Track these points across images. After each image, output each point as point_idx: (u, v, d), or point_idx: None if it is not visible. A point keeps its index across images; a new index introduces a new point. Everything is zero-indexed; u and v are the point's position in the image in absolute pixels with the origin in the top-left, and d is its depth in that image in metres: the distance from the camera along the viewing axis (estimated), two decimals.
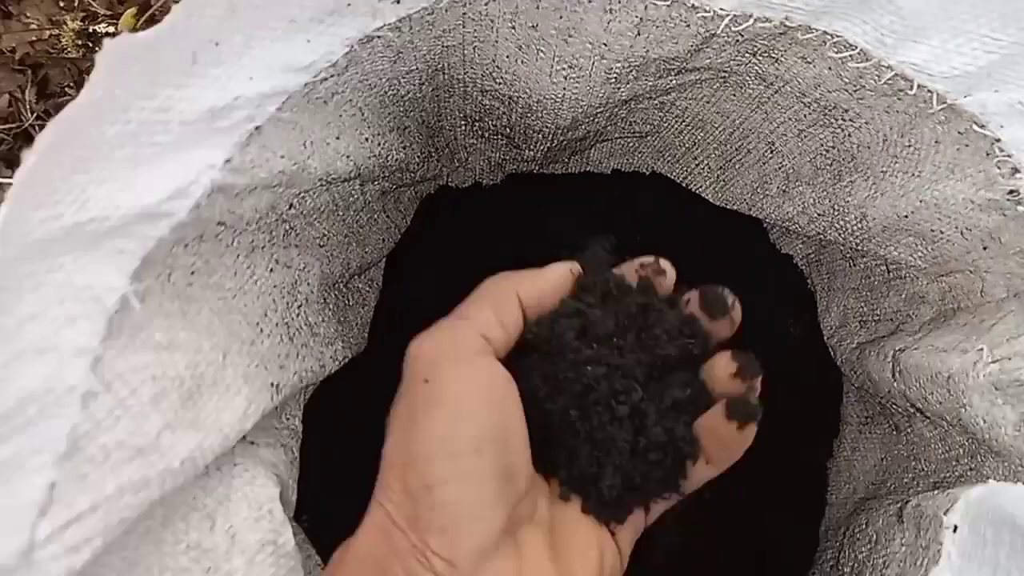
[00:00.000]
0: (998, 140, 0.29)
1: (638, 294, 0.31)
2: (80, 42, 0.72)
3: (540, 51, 0.36)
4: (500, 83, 0.40)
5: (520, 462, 0.29)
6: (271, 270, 0.33)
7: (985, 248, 0.32)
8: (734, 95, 0.37)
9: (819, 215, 0.38)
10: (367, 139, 0.37)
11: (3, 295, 0.22)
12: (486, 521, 0.27)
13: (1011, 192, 0.29)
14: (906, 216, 0.34)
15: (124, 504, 0.22)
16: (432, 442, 0.27)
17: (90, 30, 0.72)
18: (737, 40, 0.33)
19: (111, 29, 0.72)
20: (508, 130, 0.44)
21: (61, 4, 0.73)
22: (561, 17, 0.33)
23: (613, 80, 0.37)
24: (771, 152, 0.39)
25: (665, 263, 0.32)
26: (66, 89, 0.71)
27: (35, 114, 0.69)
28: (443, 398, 0.27)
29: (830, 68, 0.32)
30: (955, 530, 0.24)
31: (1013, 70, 0.29)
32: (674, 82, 0.37)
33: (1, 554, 0.19)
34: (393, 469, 0.27)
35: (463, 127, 0.45)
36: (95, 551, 0.21)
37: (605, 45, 0.35)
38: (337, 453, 0.42)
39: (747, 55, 0.33)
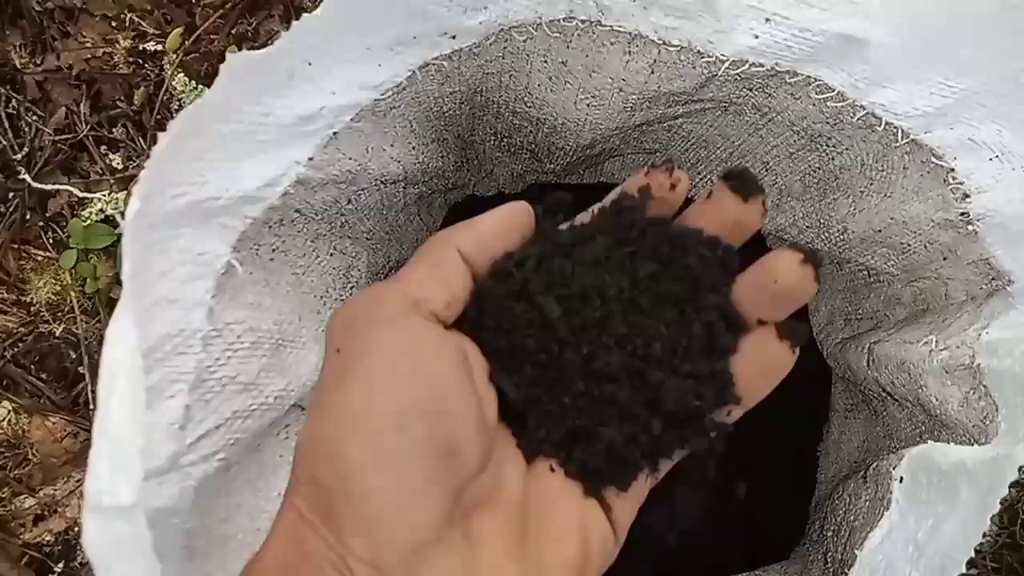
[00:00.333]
0: (952, 170, 0.35)
1: (627, 207, 0.29)
2: (131, 59, 0.79)
3: (568, 83, 0.43)
4: (530, 107, 0.46)
5: (466, 434, 0.24)
6: (331, 254, 0.39)
7: (945, 259, 0.38)
8: (733, 121, 0.43)
9: (807, 227, 0.45)
10: (414, 147, 0.43)
11: (144, 255, 0.28)
12: (417, 513, 0.23)
13: (962, 214, 0.35)
14: (879, 231, 0.40)
15: (237, 427, 0.27)
16: (343, 420, 0.23)
17: (140, 48, 0.79)
18: (736, 79, 0.39)
19: (159, 47, 0.79)
20: (533, 146, 0.50)
21: (114, 24, 0.80)
22: (587, 56, 0.40)
23: (629, 109, 0.44)
24: (766, 171, 0.45)
25: (680, 173, 0.29)
26: (117, 102, 0.77)
27: (89, 126, 0.76)
28: (356, 367, 0.23)
29: (814, 104, 0.38)
30: (901, 480, 0.30)
31: (964, 112, 0.35)
32: (681, 110, 0.43)
33: (157, 459, 0.25)
34: (303, 457, 0.23)
35: (492, 142, 0.51)
36: (219, 464, 0.27)
37: (624, 80, 0.41)
38: None
39: (744, 90, 0.40)
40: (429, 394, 0.24)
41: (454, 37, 0.36)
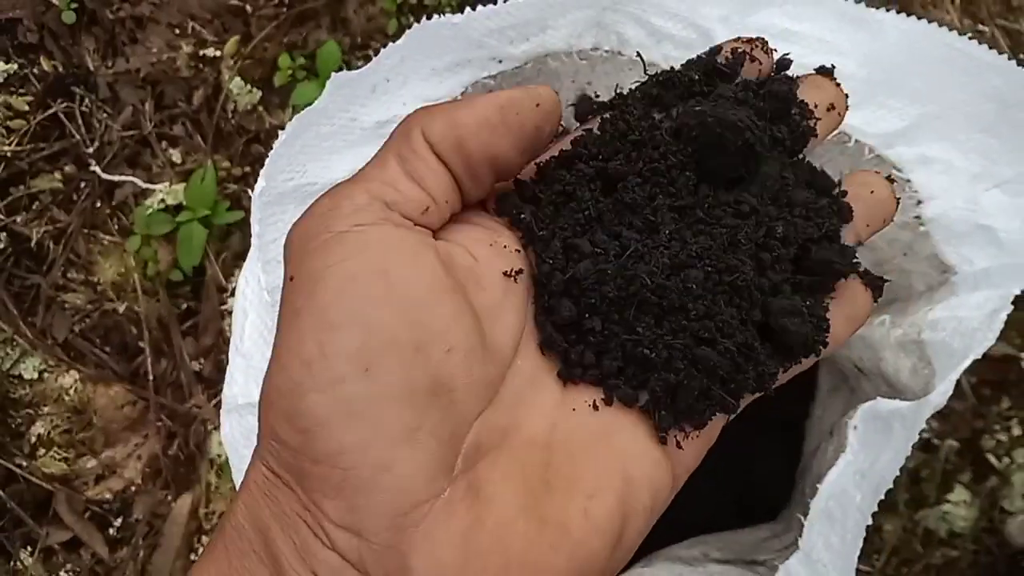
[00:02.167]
0: (908, 180, 0.44)
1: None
2: (192, 64, 0.89)
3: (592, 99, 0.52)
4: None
5: (458, 365, 0.21)
6: None
7: (905, 255, 0.46)
8: None
9: None
10: None
11: (260, 226, 0.37)
12: (401, 470, 0.20)
13: (916, 216, 0.44)
14: None
15: None
16: (297, 366, 0.20)
17: (200, 54, 0.90)
18: None
19: (217, 54, 0.90)
20: None
21: (177, 32, 0.90)
22: (609, 78, 0.49)
23: None
24: None
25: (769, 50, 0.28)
26: (178, 103, 0.88)
27: (152, 123, 0.86)
28: (310, 297, 0.20)
29: None
30: (855, 428, 0.38)
31: (919, 133, 0.44)
32: None
33: None
34: (263, 411, 0.21)
35: None
36: None
37: None
38: None
39: None
40: (402, 322, 0.20)
41: (500, 61, 0.46)
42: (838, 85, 0.30)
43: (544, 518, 0.21)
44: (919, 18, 0.42)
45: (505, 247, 0.26)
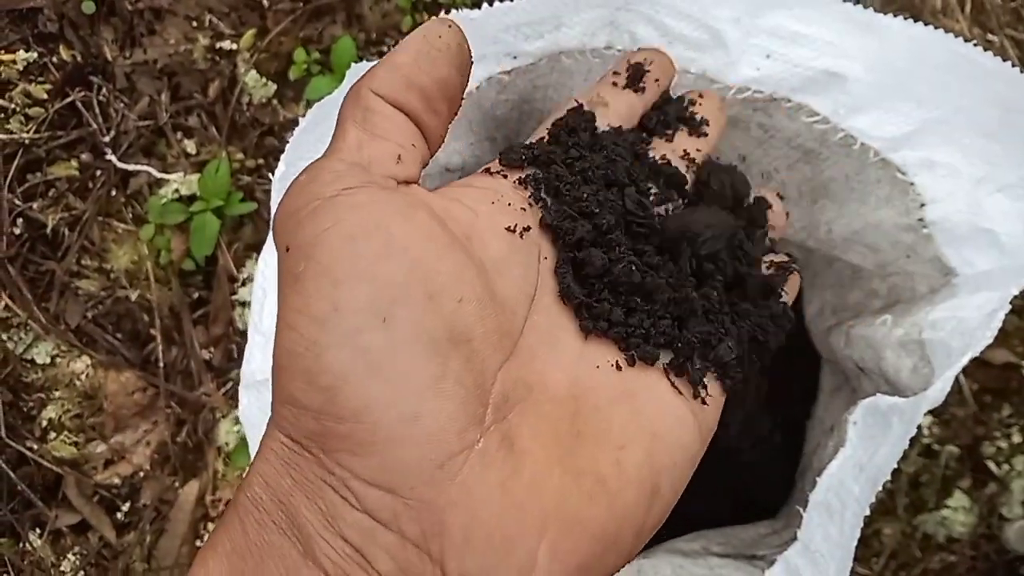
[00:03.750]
0: (912, 184, 0.45)
1: None
2: (208, 56, 0.91)
3: None
4: None
5: (470, 315, 0.21)
6: None
7: (908, 257, 0.47)
8: (741, 136, 0.53)
9: (801, 228, 0.54)
10: (471, 143, 0.54)
11: None
12: (431, 420, 0.19)
13: (919, 219, 0.45)
14: (856, 231, 0.50)
15: None
16: (310, 325, 0.20)
17: (216, 46, 0.91)
18: (742, 102, 0.50)
19: (234, 47, 0.91)
20: None
21: (194, 24, 0.92)
22: None
23: None
24: (767, 179, 0.55)
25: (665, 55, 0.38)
26: (194, 94, 0.90)
27: (168, 114, 0.88)
28: (311, 261, 0.20)
29: (805, 125, 0.48)
30: (855, 424, 0.39)
31: (924, 137, 0.45)
32: None
33: None
34: (277, 377, 0.21)
35: None
36: None
37: None
38: None
39: (749, 111, 0.50)
40: (408, 275, 0.20)
41: (515, 57, 0.47)
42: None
43: (580, 469, 0.21)
44: (927, 25, 0.43)
45: (510, 204, 0.26)
